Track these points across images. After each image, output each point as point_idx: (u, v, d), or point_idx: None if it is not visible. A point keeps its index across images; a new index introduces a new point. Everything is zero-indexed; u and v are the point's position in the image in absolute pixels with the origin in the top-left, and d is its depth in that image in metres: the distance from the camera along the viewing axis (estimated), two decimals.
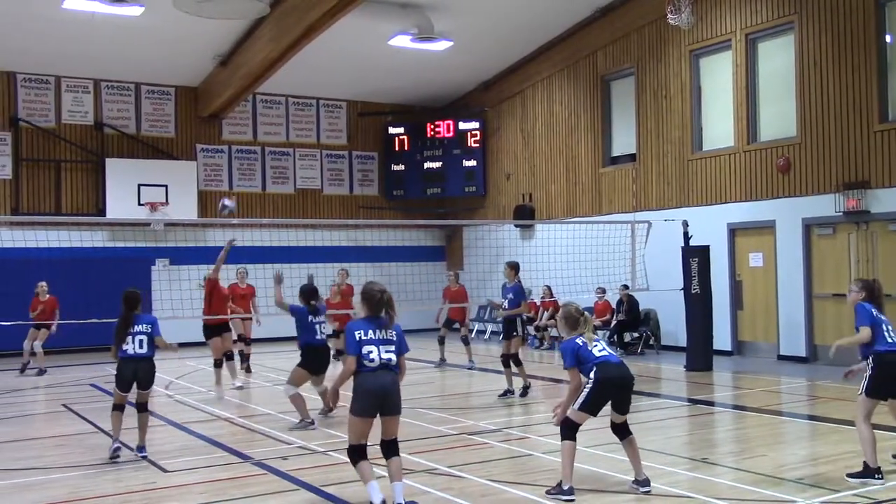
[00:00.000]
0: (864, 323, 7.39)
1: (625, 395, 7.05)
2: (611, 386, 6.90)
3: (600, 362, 6.90)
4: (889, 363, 7.26)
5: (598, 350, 7.01)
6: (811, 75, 15.43)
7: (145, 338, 8.62)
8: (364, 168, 24.28)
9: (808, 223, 15.51)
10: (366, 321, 6.51)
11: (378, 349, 6.39)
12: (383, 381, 6.38)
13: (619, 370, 6.98)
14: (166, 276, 20.29)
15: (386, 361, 6.39)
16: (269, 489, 7.30)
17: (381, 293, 6.56)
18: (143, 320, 8.70)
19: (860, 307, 7.49)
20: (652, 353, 17.53)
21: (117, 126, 21.11)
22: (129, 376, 8.62)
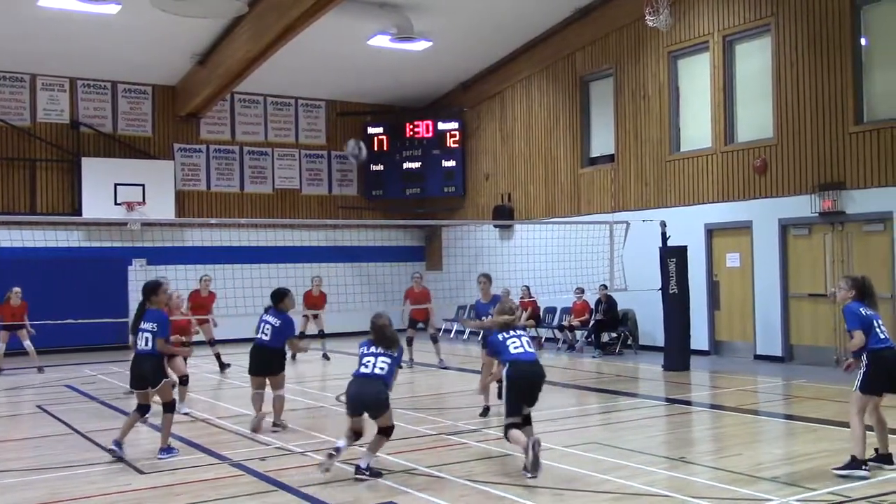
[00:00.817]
0: (855, 327, 7.39)
1: (534, 391, 7.74)
2: (522, 382, 7.66)
3: (512, 360, 7.65)
4: (884, 359, 7.33)
5: (514, 347, 7.69)
6: (788, 77, 15.55)
7: (150, 336, 8.54)
8: (343, 168, 24.21)
9: (785, 224, 15.64)
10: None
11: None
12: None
13: (531, 368, 7.69)
14: (143, 276, 20.08)
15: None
16: (246, 490, 7.26)
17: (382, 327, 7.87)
18: (150, 318, 8.61)
19: (849, 311, 7.47)
20: (630, 353, 17.61)
21: (93, 125, 20.93)
22: (134, 372, 8.64)
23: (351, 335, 22.09)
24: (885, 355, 7.33)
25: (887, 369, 7.32)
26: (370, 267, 22.31)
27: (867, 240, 14.53)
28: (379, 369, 7.63)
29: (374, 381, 7.59)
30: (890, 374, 7.33)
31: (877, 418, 7.53)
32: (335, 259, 22.47)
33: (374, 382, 7.58)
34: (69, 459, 8.58)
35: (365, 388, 7.57)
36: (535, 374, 7.73)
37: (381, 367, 7.63)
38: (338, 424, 10.20)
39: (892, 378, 7.35)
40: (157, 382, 8.63)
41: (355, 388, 7.62)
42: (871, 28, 14.69)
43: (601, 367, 15.78)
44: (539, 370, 7.78)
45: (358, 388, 7.61)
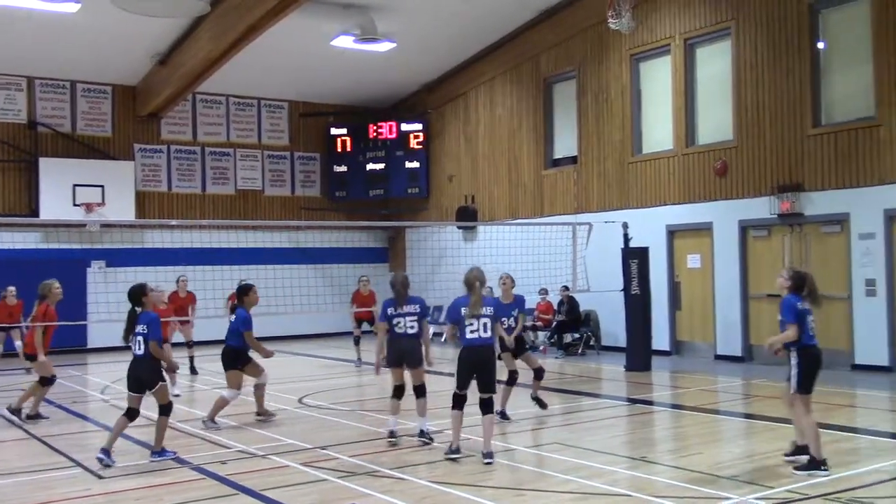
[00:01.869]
0: (790, 320, 7.51)
1: (483, 375, 8.09)
2: (469, 367, 8.11)
3: (465, 345, 8.12)
4: (814, 356, 7.56)
5: (470, 330, 8.06)
6: (747, 80, 15.75)
7: (142, 338, 8.42)
8: (306, 169, 24.09)
9: (745, 225, 15.83)
10: (390, 300, 8.94)
11: (403, 320, 8.92)
12: (403, 344, 9.00)
13: (478, 353, 8.09)
14: (102, 278, 19.90)
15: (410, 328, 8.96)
16: (207, 494, 7.18)
17: (399, 278, 9.04)
18: (142, 320, 8.46)
19: (786, 303, 7.60)
20: (592, 354, 17.71)
21: (52, 125, 20.61)
22: (131, 376, 8.52)
23: (316, 337, 22.09)
24: (812, 352, 7.57)
25: (817, 366, 7.57)
26: (333, 268, 22.21)
27: (825, 241, 14.76)
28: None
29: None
30: (816, 370, 7.59)
31: (796, 413, 7.67)
32: (298, 260, 22.36)
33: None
34: (26, 465, 8.42)
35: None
36: (479, 359, 8.11)
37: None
38: (300, 428, 10.14)
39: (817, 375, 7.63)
40: (154, 384, 8.52)
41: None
42: (828, 32, 14.93)
43: (564, 368, 15.84)
44: (485, 354, 8.14)
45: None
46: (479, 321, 8.10)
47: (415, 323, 8.88)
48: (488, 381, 8.13)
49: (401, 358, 8.97)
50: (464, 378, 8.19)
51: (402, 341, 8.91)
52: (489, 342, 8.17)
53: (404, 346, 8.92)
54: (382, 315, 8.97)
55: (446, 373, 14.26)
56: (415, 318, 8.89)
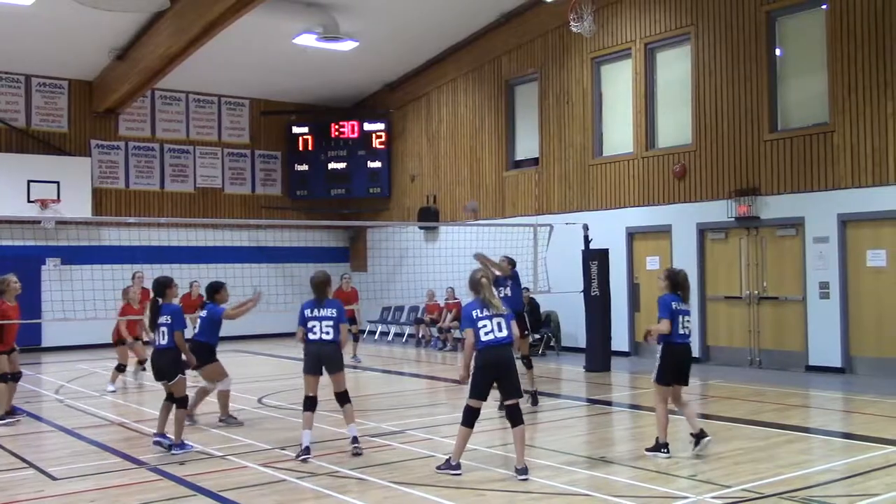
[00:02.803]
0: (664, 315, 8.24)
1: (505, 376, 7.49)
2: (490, 370, 7.46)
3: (482, 347, 7.45)
4: (677, 353, 8.29)
5: (484, 332, 7.45)
6: (706, 85, 15.95)
7: (167, 330, 8.72)
8: (267, 167, 23.92)
9: (703, 228, 16.03)
10: (311, 301, 8.52)
11: (320, 324, 8.42)
12: (321, 349, 8.43)
13: (497, 354, 7.44)
14: (57, 275, 19.57)
15: (325, 333, 8.44)
16: (164, 495, 7.09)
17: (319, 277, 8.65)
18: (166, 311, 8.80)
19: (661, 301, 8.34)
20: (553, 355, 17.81)
21: (5, 119, 20.22)
22: (154, 367, 8.86)
23: (276, 336, 21.92)
24: (676, 350, 8.27)
25: (677, 362, 8.29)
26: (294, 267, 22.06)
27: (780, 244, 14.99)
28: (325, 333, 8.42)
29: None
30: (680, 367, 8.33)
31: (681, 405, 8.43)
32: (258, 259, 22.19)
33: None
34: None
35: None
36: (499, 361, 7.44)
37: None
38: (259, 428, 10.06)
39: (682, 371, 8.37)
40: (174, 377, 8.73)
41: None
42: (785, 39, 15.17)
43: (524, 368, 15.86)
44: (505, 355, 7.49)
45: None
46: (493, 321, 7.46)
47: (330, 329, 8.39)
48: (512, 384, 7.48)
49: (318, 364, 8.44)
50: (483, 386, 7.46)
51: (320, 347, 8.40)
52: (507, 341, 7.48)
53: (322, 352, 8.39)
54: (301, 318, 8.48)
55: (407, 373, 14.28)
56: (331, 323, 8.40)
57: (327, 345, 8.39)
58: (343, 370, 8.58)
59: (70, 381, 14.84)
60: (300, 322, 8.47)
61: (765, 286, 15.17)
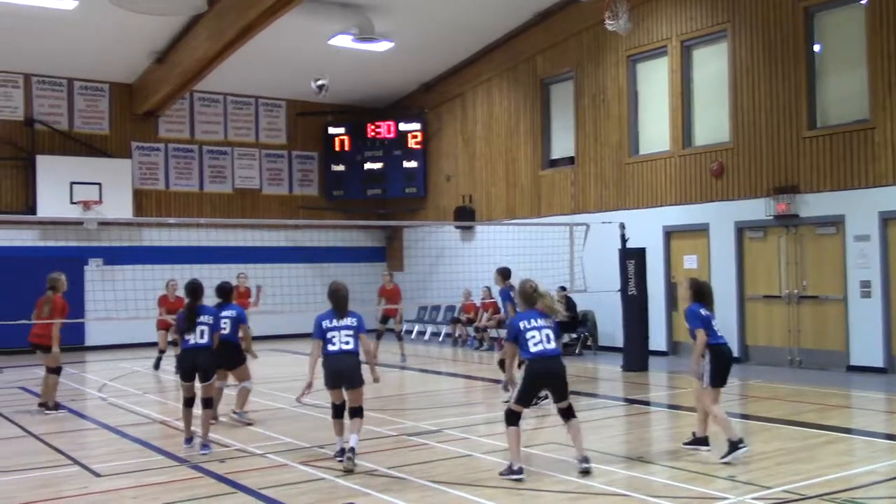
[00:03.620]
0: (697, 326, 8.21)
1: (555, 385, 7.61)
2: (540, 381, 7.58)
3: (531, 357, 7.45)
4: (722, 354, 8.22)
5: (533, 343, 7.46)
6: (744, 82, 15.80)
7: (206, 329, 8.83)
8: (304, 168, 24.10)
9: (741, 226, 15.88)
10: (330, 312, 8.17)
11: (339, 334, 8.06)
12: (342, 361, 8.02)
13: (547, 364, 7.48)
14: (100, 276, 19.90)
15: (345, 344, 8.03)
16: (205, 493, 7.20)
17: (339, 290, 8.29)
18: (208, 311, 8.96)
19: (690, 312, 8.28)
20: (590, 354, 17.75)
21: (49, 122, 20.60)
22: (186, 365, 8.90)
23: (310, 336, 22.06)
24: (722, 351, 8.21)
25: (724, 362, 8.20)
26: (331, 267, 22.19)
27: (820, 242, 14.81)
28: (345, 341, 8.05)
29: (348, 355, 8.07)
30: (726, 367, 8.21)
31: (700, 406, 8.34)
32: (295, 259, 22.36)
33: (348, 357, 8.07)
34: (25, 462, 8.43)
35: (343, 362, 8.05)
36: (550, 371, 7.49)
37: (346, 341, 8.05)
38: (299, 426, 10.16)
39: (726, 372, 8.24)
40: (211, 376, 8.89)
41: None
42: (824, 34, 14.98)
43: None
44: (556, 365, 7.52)
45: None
46: (542, 332, 7.45)
47: (351, 338, 8.01)
48: (563, 391, 7.55)
49: (339, 379, 8.03)
50: (530, 393, 7.56)
51: (340, 359, 7.98)
52: (556, 353, 7.52)
53: (343, 365, 7.98)
54: (317, 330, 8.06)
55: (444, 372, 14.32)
56: (351, 333, 8.04)
57: (348, 356, 8.00)
58: (363, 385, 8.07)
59: (112, 379, 15.09)
60: (316, 334, 8.06)
61: (805, 285, 15.00)
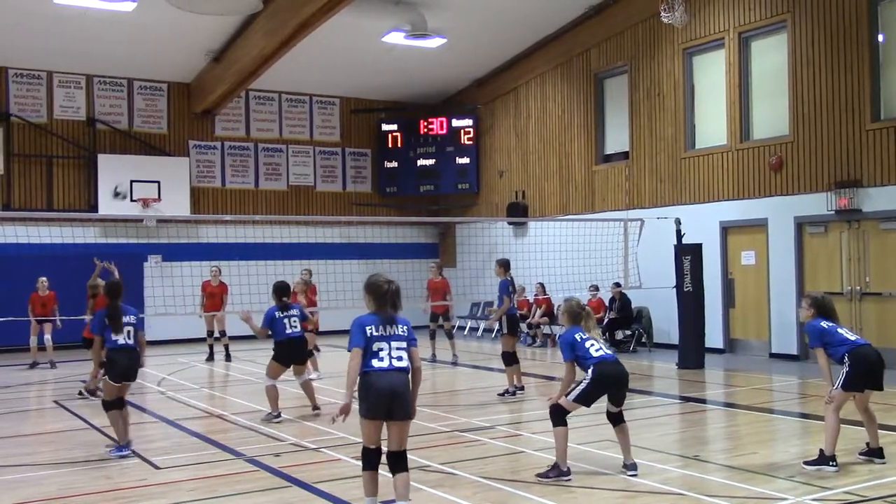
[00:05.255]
0: (815, 345, 7.69)
1: (621, 390, 7.53)
2: (608, 383, 7.36)
3: (598, 361, 7.33)
4: (863, 356, 7.51)
5: (594, 349, 7.40)
6: (804, 74, 15.46)
7: (132, 329, 8.71)
8: (357, 165, 24.25)
9: (801, 222, 15.55)
10: (374, 316, 6.09)
11: (389, 346, 6.00)
12: (393, 381, 5.91)
13: (616, 368, 7.41)
14: (158, 272, 20.25)
15: (397, 360, 5.99)
16: (260, 486, 7.28)
17: (387, 284, 6.20)
18: (131, 312, 8.79)
19: (808, 329, 7.80)
20: (644, 351, 17.56)
21: (109, 122, 21.04)
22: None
23: None
24: (859, 353, 7.50)
25: (868, 364, 7.50)
26: (384, 264, 22.27)
27: (884, 238, 14.43)
28: (397, 356, 6.03)
29: (400, 372, 6.02)
30: (870, 369, 7.51)
31: (868, 414, 7.76)
32: (349, 256, 22.46)
33: (399, 374, 6.02)
34: (86, 455, 8.62)
35: (394, 380, 5.96)
36: (619, 374, 7.42)
37: (398, 355, 6.04)
38: (353, 422, 10.22)
39: (872, 374, 7.53)
40: (135, 376, 8.84)
41: (384, 379, 5.95)
42: (887, 25, 14.57)
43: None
44: (624, 370, 7.47)
45: (388, 379, 5.95)
46: (598, 342, 7.46)
47: (403, 353, 6.04)
48: (622, 396, 7.52)
49: (388, 405, 5.89)
50: (594, 395, 7.33)
51: (392, 379, 5.92)
52: (614, 358, 7.46)
53: (395, 387, 5.91)
54: (359, 337, 5.99)
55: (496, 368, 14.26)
56: (404, 345, 6.07)
57: (400, 375, 5.98)
58: (411, 417, 6.06)
59: (171, 373, 15.36)
60: (356, 342, 5.98)
61: (867, 281, 14.64)
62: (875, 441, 7.74)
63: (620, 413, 7.54)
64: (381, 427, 5.98)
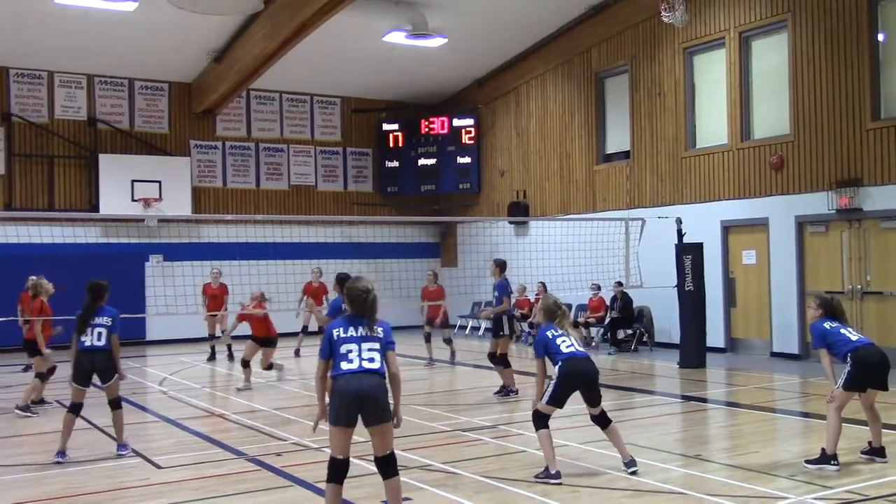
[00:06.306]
0: (817, 345, 7.74)
1: (590, 388, 7.48)
2: (574, 381, 7.38)
3: (566, 358, 7.37)
4: (864, 356, 7.50)
5: (565, 346, 7.44)
6: (804, 73, 15.47)
7: (104, 331, 8.53)
8: (358, 164, 24.26)
9: (801, 221, 15.56)
10: (346, 319, 5.81)
11: (359, 347, 5.68)
12: (361, 384, 5.59)
13: (583, 365, 7.42)
14: (160, 272, 20.28)
15: (368, 361, 5.65)
16: (262, 485, 7.30)
17: (365, 293, 5.82)
18: (106, 312, 8.63)
19: (812, 330, 7.82)
20: (646, 350, 17.57)
21: (111, 122, 21.06)
22: (86, 369, 8.52)
23: None
24: (860, 353, 7.48)
25: (869, 364, 7.47)
26: (385, 263, 22.32)
27: (885, 237, 14.44)
28: (368, 358, 5.71)
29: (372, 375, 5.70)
30: (872, 369, 7.49)
31: (873, 413, 7.77)
32: (350, 255, 22.51)
33: (371, 377, 5.69)
34: (89, 454, 8.63)
35: (364, 383, 5.64)
36: (586, 371, 7.41)
37: (370, 357, 5.71)
38: None
39: (874, 374, 7.52)
40: (111, 378, 8.72)
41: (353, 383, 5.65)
42: (888, 24, 14.58)
43: (616, 364, 15.76)
44: (592, 368, 7.47)
45: (357, 382, 5.65)
46: (570, 338, 7.47)
47: (376, 354, 5.72)
48: (596, 394, 7.46)
49: (355, 411, 5.64)
50: (563, 394, 7.35)
51: (360, 381, 5.61)
52: (585, 355, 7.47)
53: (363, 391, 5.61)
54: (323, 347, 5.76)
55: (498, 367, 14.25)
56: (377, 346, 5.75)
57: (370, 377, 5.64)
58: (391, 421, 5.75)
59: (173, 373, 15.37)
60: (321, 352, 5.77)
61: (868, 280, 14.64)
62: (878, 440, 7.75)
63: (604, 415, 7.52)
64: (349, 435, 5.67)
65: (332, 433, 5.66)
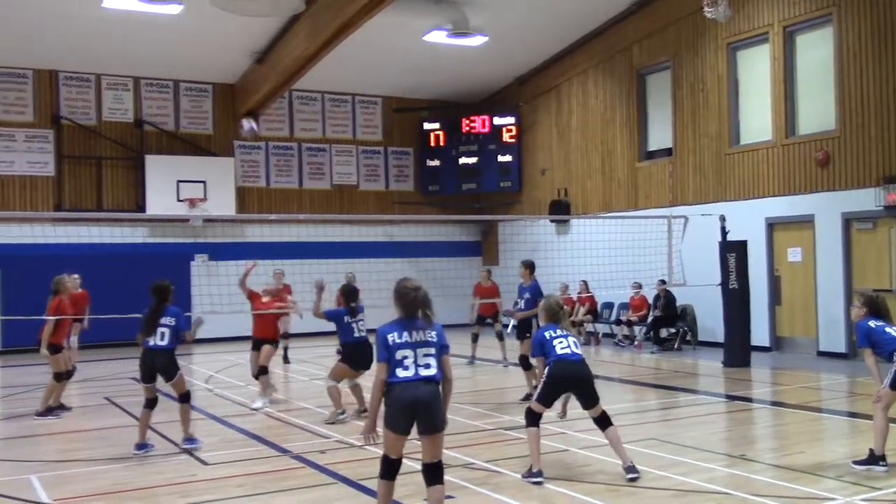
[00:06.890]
0: (862, 344, 7.60)
1: (581, 390, 7.43)
2: (562, 382, 7.38)
3: (556, 359, 7.34)
4: None
5: (560, 347, 7.41)
6: (851, 68, 15.21)
7: (168, 331, 8.72)
8: (399, 164, 24.37)
9: (848, 217, 15.31)
10: (398, 323, 5.70)
11: (415, 353, 5.58)
12: (417, 393, 5.53)
13: (573, 367, 7.36)
14: (205, 271, 20.54)
15: (424, 368, 5.58)
16: (306, 482, 7.38)
17: (414, 290, 5.75)
18: (170, 312, 8.81)
19: (857, 328, 7.68)
20: (689, 349, 17.42)
21: (156, 123, 21.39)
22: (148, 368, 8.79)
23: None
24: None
25: None
26: (427, 262, 22.38)
27: None
28: (424, 364, 5.64)
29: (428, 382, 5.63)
30: None
31: None
32: (392, 254, 22.63)
33: (427, 385, 5.62)
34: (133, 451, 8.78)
35: (421, 391, 5.59)
36: (575, 374, 7.36)
37: (426, 363, 5.64)
38: None
39: None
40: (173, 376, 8.94)
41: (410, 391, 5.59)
42: None
43: (660, 363, 15.65)
44: (582, 370, 7.39)
45: (414, 390, 5.59)
46: (568, 339, 7.43)
47: (432, 360, 5.64)
48: (592, 394, 7.37)
49: (412, 417, 5.59)
50: (552, 394, 7.38)
51: (417, 390, 5.54)
52: (579, 358, 7.39)
53: (419, 398, 5.54)
54: (381, 351, 5.61)
55: None
56: (433, 351, 5.66)
57: (428, 385, 5.59)
58: (445, 429, 5.71)
59: (218, 371, 15.58)
60: (380, 356, 5.62)
61: None
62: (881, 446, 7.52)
63: (603, 416, 7.40)
64: (403, 440, 5.65)
65: (387, 436, 5.65)
